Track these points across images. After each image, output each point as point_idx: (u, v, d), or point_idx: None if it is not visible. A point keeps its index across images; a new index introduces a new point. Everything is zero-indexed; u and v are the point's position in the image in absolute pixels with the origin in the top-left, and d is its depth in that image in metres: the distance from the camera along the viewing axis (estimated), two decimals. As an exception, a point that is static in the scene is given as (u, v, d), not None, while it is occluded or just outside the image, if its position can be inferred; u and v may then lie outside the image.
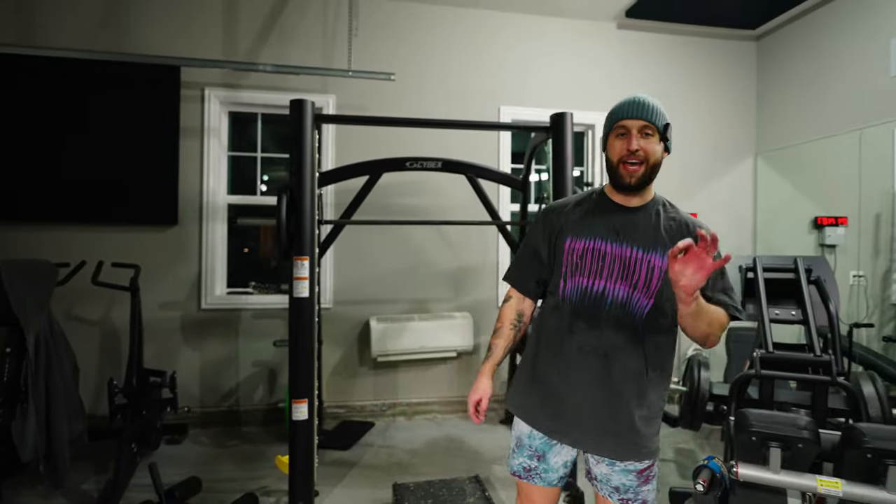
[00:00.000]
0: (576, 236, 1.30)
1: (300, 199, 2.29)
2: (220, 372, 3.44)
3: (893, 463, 1.29)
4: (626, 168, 1.24)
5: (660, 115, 1.25)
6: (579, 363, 1.27)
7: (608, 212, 1.31)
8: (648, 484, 1.31)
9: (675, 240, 1.20)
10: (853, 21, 3.47)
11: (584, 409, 1.27)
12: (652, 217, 1.29)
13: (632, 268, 1.24)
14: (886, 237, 3.53)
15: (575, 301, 1.28)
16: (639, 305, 1.24)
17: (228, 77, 3.41)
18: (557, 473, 1.36)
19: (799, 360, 2.26)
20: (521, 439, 1.39)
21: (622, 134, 1.25)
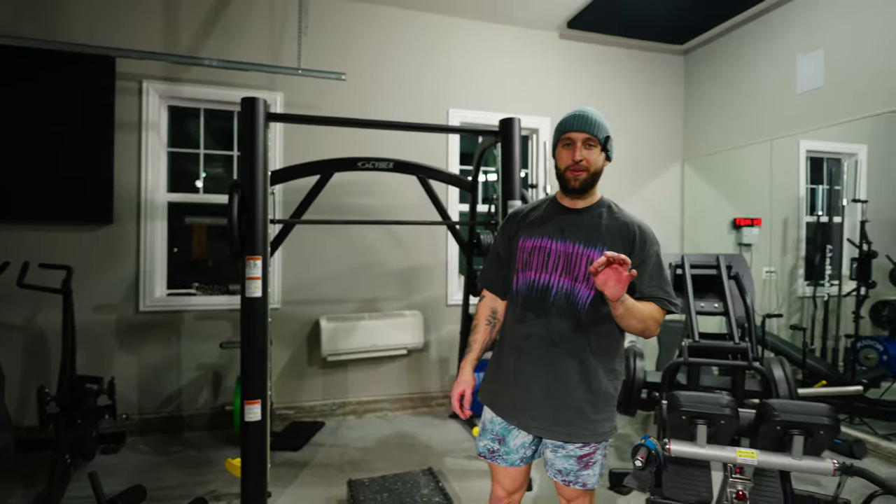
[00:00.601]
0: (527, 237, 1.46)
1: (252, 198, 2.27)
2: (161, 376, 3.30)
3: (797, 433, 1.48)
4: (571, 173, 1.39)
5: (601, 129, 1.42)
6: (530, 351, 1.41)
7: (556, 214, 1.47)
8: (589, 469, 1.43)
9: (616, 238, 1.38)
10: (766, 40, 3.85)
11: (535, 395, 1.40)
12: (594, 217, 1.43)
13: (573, 262, 1.38)
14: (793, 237, 3.94)
15: (525, 293, 1.43)
16: (580, 296, 1.37)
17: (168, 70, 3.28)
18: (517, 455, 1.49)
19: (721, 347, 2.50)
20: (485, 423, 1.53)
21: (568, 144, 1.40)
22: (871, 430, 3.06)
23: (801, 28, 3.57)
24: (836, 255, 3.73)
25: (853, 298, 3.55)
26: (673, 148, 4.61)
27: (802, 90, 3.54)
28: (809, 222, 3.88)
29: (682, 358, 2.48)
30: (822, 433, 1.46)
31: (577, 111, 1.43)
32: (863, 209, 3.58)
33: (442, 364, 3.86)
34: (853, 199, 3.64)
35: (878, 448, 2.94)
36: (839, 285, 3.70)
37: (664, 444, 1.60)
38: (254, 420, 2.27)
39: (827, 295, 3.71)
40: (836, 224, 3.75)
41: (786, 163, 3.82)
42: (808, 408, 1.48)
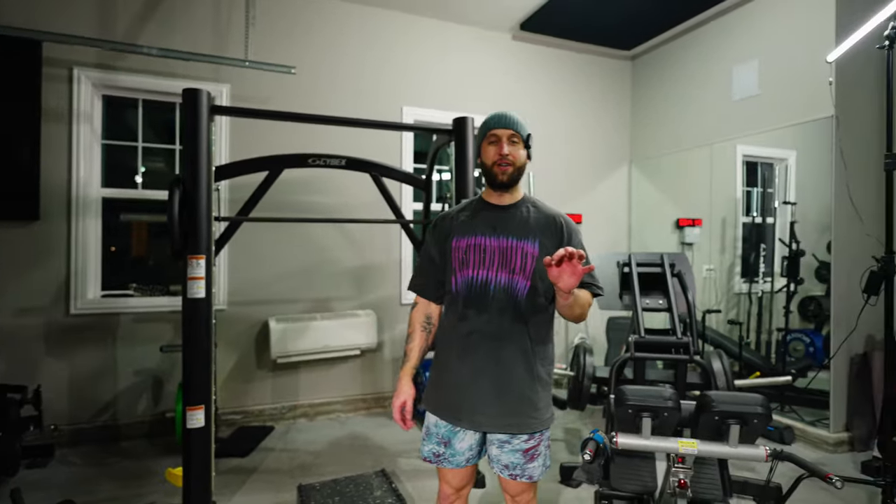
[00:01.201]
0: (460, 236, 1.48)
1: (195, 195, 2.16)
2: (94, 383, 3.10)
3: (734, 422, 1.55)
4: (498, 168, 1.44)
5: (523, 127, 1.47)
6: (473, 348, 1.43)
7: (485, 211, 1.51)
8: (534, 461, 1.47)
9: (545, 230, 1.45)
10: (707, 49, 4.04)
11: (483, 391, 1.42)
12: (523, 213, 1.49)
13: (509, 256, 1.43)
14: (731, 237, 4.16)
15: (464, 291, 1.45)
16: (519, 287, 1.42)
17: (103, 57, 3.08)
18: (464, 456, 1.49)
19: (664, 342, 2.60)
20: (429, 428, 1.52)
21: (493, 141, 1.45)
22: (799, 416, 3.28)
23: (738, 38, 3.77)
24: (768, 253, 3.96)
25: (784, 294, 3.78)
26: (621, 150, 4.77)
27: (739, 98, 3.74)
28: (745, 223, 4.10)
29: (628, 353, 2.56)
30: (756, 422, 1.53)
31: (501, 112, 1.49)
32: (792, 211, 3.82)
33: (396, 363, 3.83)
34: (784, 201, 3.88)
35: (805, 434, 3.15)
36: (772, 282, 3.94)
37: (612, 438, 1.65)
38: (197, 427, 2.17)
39: (761, 291, 3.94)
40: (769, 224, 3.98)
41: (724, 166, 4.02)
42: (743, 398, 1.56)
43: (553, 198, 4.39)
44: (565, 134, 4.51)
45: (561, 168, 4.46)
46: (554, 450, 3.07)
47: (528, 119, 1.55)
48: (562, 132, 4.49)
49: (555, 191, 4.41)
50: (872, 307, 2.42)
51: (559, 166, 4.45)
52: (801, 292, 3.80)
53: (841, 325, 3.01)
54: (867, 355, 3.10)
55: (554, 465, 2.81)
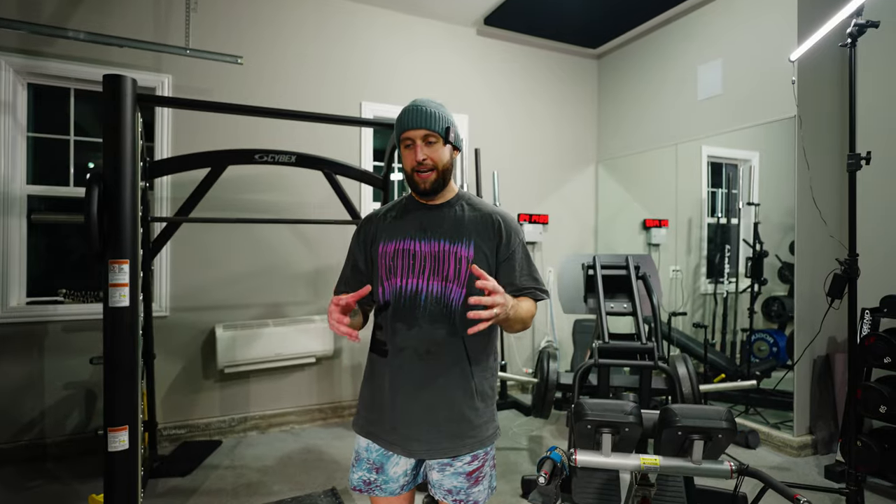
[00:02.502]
0: (386, 240, 1.32)
1: (117, 193, 1.95)
2: (17, 399, 2.83)
3: (697, 437, 1.45)
4: (418, 175, 1.28)
5: (439, 120, 1.27)
6: (405, 366, 1.27)
7: (414, 211, 1.35)
8: (479, 485, 1.33)
9: (481, 230, 1.30)
10: (670, 51, 3.99)
11: (415, 414, 1.27)
12: (456, 212, 1.33)
13: (441, 261, 1.27)
14: (697, 237, 4.13)
15: (393, 303, 1.29)
16: (453, 297, 1.26)
17: (26, 42, 2.81)
18: (398, 483, 1.33)
19: (629, 348, 2.51)
20: (359, 453, 1.36)
21: (408, 145, 1.28)
22: (764, 419, 3.24)
23: (702, 37, 3.73)
24: (733, 254, 3.95)
25: (748, 294, 3.77)
26: (588, 149, 4.70)
27: (703, 97, 3.70)
28: (711, 223, 4.08)
29: (592, 360, 2.46)
30: (721, 437, 1.44)
31: (412, 105, 1.29)
32: (756, 212, 3.81)
33: (354, 371, 3.65)
34: (748, 202, 3.87)
35: (770, 437, 3.12)
36: (736, 282, 3.92)
37: (570, 455, 1.53)
38: (120, 449, 1.95)
39: (726, 292, 3.92)
40: (734, 225, 3.97)
41: (690, 167, 3.99)
42: (707, 412, 1.46)
43: (518, 198, 4.30)
44: (531, 132, 4.41)
45: (526, 167, 4.36)
46: (517, 460, 2.95)
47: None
48: (528, 130, 4.39)
49: (520, 190, 4.31)
50: (835, 310, 2.37)
51: (525, 165, 4.35)
52: (764, 293, 3.79)
53: (804, 328, 2.98)
54: (829, 357, 3.09)
55: (516, 478, 2.68)
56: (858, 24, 2.09)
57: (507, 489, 2.58)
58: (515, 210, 4.28)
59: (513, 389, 4.20)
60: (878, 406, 2.50)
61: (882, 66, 2.94)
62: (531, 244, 4.37)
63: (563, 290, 3.01)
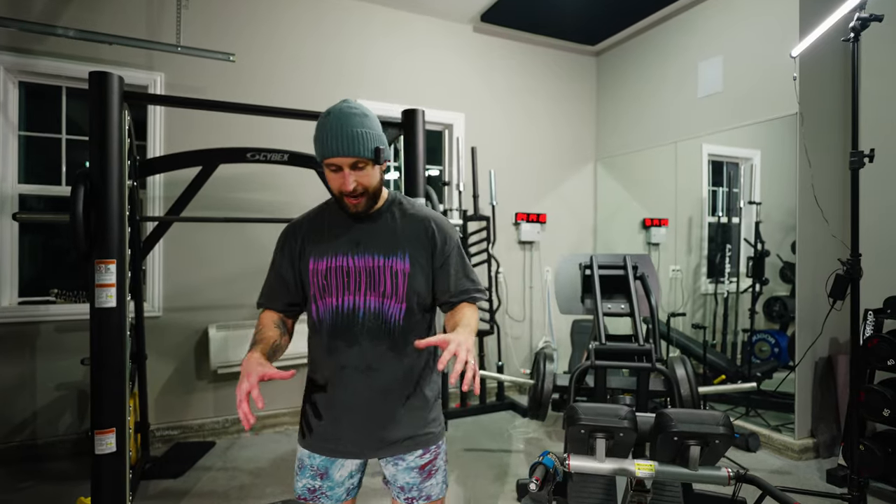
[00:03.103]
0: (317, 257, 1.25)
1: (104, 192, 1.92)
2: (9, 400, 2.80)
3: (694, 443, 1.41)
4: (348, 200, 1.20)
5: (368, 142, 1.15)
6: (347, 384, 1.23)
7: (344, 224, 1.27)
8: (432, 478, 1.31)
9: (414, 240, 1.25)
10: (670, 47, 3.94)
11: (360, 428, 1.24)
12: (388, 221, 1.28)
13: (377, 277, 1.22)
14: (697, 237, 4.08)
15: (329, 321, 1.23)
16: (392, 312, 1.22)
17: (17, 39, 2.78)
18: (343, 487, 1.30)
19: (626, 350, 2.46)
20: (302, 460, 1.31)
21: (334, 170, 1.18)
22: (765, 421, 3.20)
23: (702, 34, 3.68)
24: (734, 254, 3.90)
25: (749, 295, 3.72)
26: (586, 147, 4.65)
27: (703, 94, 3.65)
28: (711, 223, 4.04)
29: (588, 362, 2.41)
30: (718, 442, 1.40)
31: (336, 122, 1.14)
32: (757, 211, 3.76)
33: (351, 372, 3.61)
34: (749, 201, 3.82)
35: (770, 440, 3.07)
36: (737, 282, 3.88)
37: (563, 461, 1.49)
38: (107, 452, 1.92)
39: (727, 292, 3.87)
40: (735, 224, 3.92)
41: (690, 165, 3.94)
42: (703, 417, 1.42)
43: (516, 196, 4.26)
44: (529, 130, 4.36)
45: (524, 165, 4.32)
46: (513, 463, 2.91)
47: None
48: (525, 129, 4.34)
49: (518, 189, 4.26)
50: (837, 311, 2.32)
51: (522, 163, 4.31)
52: (766, 293, 3.75)
53: (806, 329, 2.93)
54: (831, 359, 3.04)
55: (511, 481, 2.65)
56: (861, 17, 2.04)
57: (503, 492, 2.54)
58: (513, 209, 4.24)
59: (510, 391, 4.16)
60: (882, 409, 2.45)
61: (886, 61, 2.88)
62: (528, 244, 4.33)
63: (560, 291, 2.97)
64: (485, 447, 3.14)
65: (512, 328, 4.22)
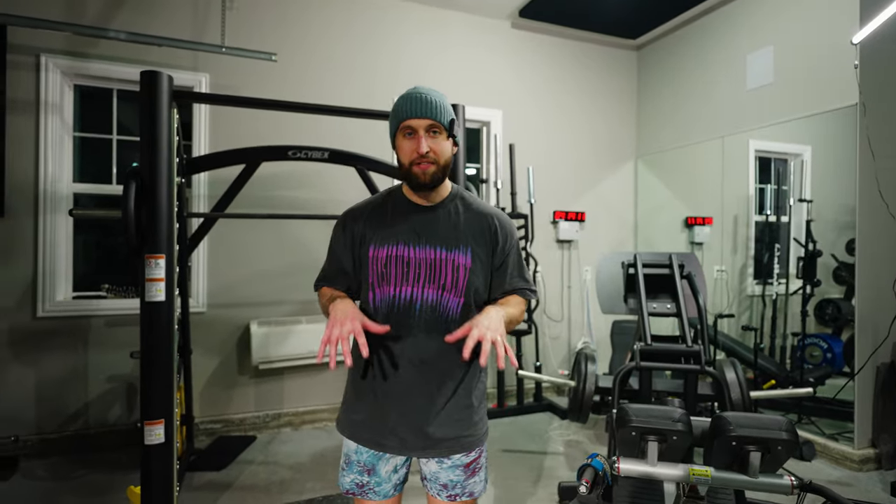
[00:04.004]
0: (378, 244, 1.24)
1: (153, 188, 1.97)
2: (64, 391, 2.92)
3: (754, 449, 1.34)
4: (418, 167, 1.19)
5: (445, 112, 1.19)
6: (399, 374, 1.23)
7: (407, 213, 1.26)
8: (475, 476, 1.31)
9: (476, 234, 1.25)
10: (717, 38, 3.80)
11: (410, 421, 1.23)
12: (451, 214, 1.27)
13: (438, 269, 1.22)
14: (743, 236, 3.92)
15: (385, 311, 1.23)
16: (449, 306, 1.22)
17: (73, 43, 2.90)
18: (391, 483, 1.29)
19: (673, 351, 2.38)
20: (348, 455, 1.30)
21: (409, 134, 1.19)
22: (820, 430, 3.04)
23: (751, 24, 3.53)
24: (783, 254, 3.73)
25: (799, 297, 3.55)
26: (626, 144, 4.54)
27: (752, 87, 3.51)
28: (758, 221, 3.87)
29: (633, 362, 2.34)
30: (780, 449, 1.32)
31: (415, 92, 1.19)
32: (808, 209, 3.58)
33: (387, 370, 3.62)
34: (799, 198, 3.64)
35: (827, 449, 2.91)
36: (786, 284, 3.70)
37: (612, 464, 1.44)
38: (156, 443, 1.97)
39: (775, 293, 3.71)
40: (784, 223, 3.75)
41: (736, 161, 3.79)
42: (764, 421, 1.34)
43: (554, 194, 4.18)
44: (567, 127, 4.28)
45: (562, 163, 4.24)
46: (553, 465, 2.86)
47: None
48: (563, 125, 4.26)
49: (555, 187, 4.19)
50: (905, 313, 2.18)
51: (560, 161, 4.23)
52: (818, 295, 3.57)
53: (866, 333, 2.77)
54: (895, 365, 2.86)
55: (552, 483, 2.59)
56: (934, -1, 1.91)
57: (544, 495, 2.49)
58: (551, 207, 4.17)
59: (548, 391, 4.09)
60: (953, 419, 2.29)
61: (956, 49, 2.70)
62: (567, 243, 4.25)
63: (601, 290, 2.90)
64: (523, 448, 3.09)
65: (550, 328, 4.15)
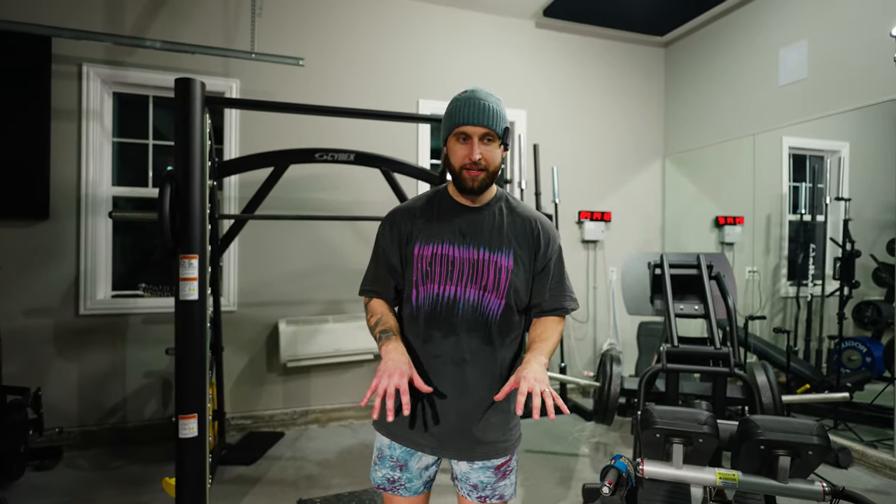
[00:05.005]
0: (424, 242, 1.26)
1: (187, 191, 2.04)
2: (104, 385, 3.05)
3: (783, 453, 1.31)
4: (468, 173, 1.21)
5: (500, 120, 1.20)
6: (439, 373, 1.24)
7: (452, 213, 1.28)
8: (506, 479, 1.31)
9: (520, 238, 1.26)
10: (748, 32, 3.71)
11: (449, 421, 1.24)
12: (496, 216, 1.28)
13: (480, 270, 1.23)
14: (776, 236, 3.81)
15: (428, 309, 1.23)
16: (490, 307, 1.23)
17: (112, 53, 3.03)
18: (421, 479, 1.31)
19: (701, 353, 2.34)
20: (381, 450, 1.32)
21: (463, 139, 1.20)
22: (857, 436, 2.93)
23: (783, 17, 3.43)
24: (818, 254, 3.61)
25: (836, 299, 3.43)
26: (654, 143, 4.46)
27: (785, 83, 3.41)
28: (792, 221, 3.76)
29: (659, 364, 2.31)
30: (811, 454, 1.29)
31: (472, 97, 1.19)
32: (846, 208, 3.46)
33: (412, 369, 3.65)
34: (836, 197, 3.52)
35: (864, 457, 2.81)
36: (822, 285, 3.58)
37: (637, 465, 1.43)
38: (189, 436, 2.05)
39: (810, 295, 3.59)
40: (819, 223, 3.63)
41: (768, 159, 3.69)
42: (795, 425, 1.31)
43: (579, 194, 4.15)
44: (592, 126, 4.24)
45: (587, 163, 4.21)
46: (578, 467, 2.84)
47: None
48: (588, 124, 4.23)
49: (581, 187, 4.16)
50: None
51: (585, 160, 4.20)
52: (856, 297, 3.44)
53: (907, 335, 2.66)
54: (938, 369, 2.74)
55: (576, 485, 2.58)
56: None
57: (568, 496, 2.48)
58: (576, 207, 4.14)
59: (572, 393, 4.06)
60: None
61: None
62: (592, 243, 4.21)
63: (627, 290, 2.86)
64: (548, 450, 3.08)
65: (575, 329, 4.12)
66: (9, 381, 2.65)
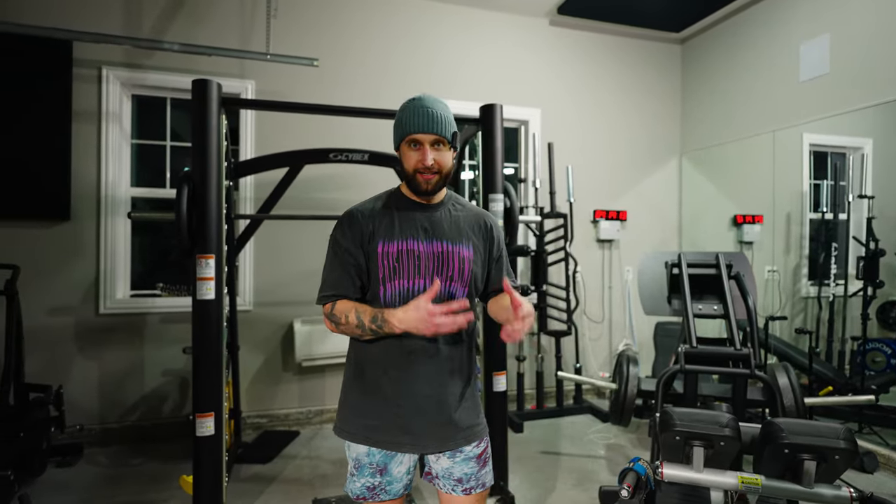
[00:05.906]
0: (388, 240, 1.28)
1: (204, 191, 2.06)
2: (123, 383, 3.09)
3: (808, 457, 1.28)
4: (422, 177, 1.28)
5: (449, 126, 1.27)
6: (414, 368, 1.27)
7: (412, 211, 1.33)
8: (486, 467, 1.37)
9: (476, 231, 1.36)
10: (768, 28, 3.64)
11: (423, 413, 1.27)
12: (451, 213, 1.36)
13: (445, 261, 1.29)
14: (796, 234, 3.73)
15: (398, 305, 1.24)
16: (457, 295, 1.30)
17: (130, 56, 3.07)
18: (402, 483, 1.31)
19: (720, 354, 2.30)
20: (359, 459, 1.28)
21: (414, 145, 1.27)
22: (883, 440, 2.86)
23: (804, 11, 3.36)
24: (841, 253, 3.53)
25: (859, 299, 3.34)
26: (670, 141, 4.40)
27: (806, 78, 3.34)
28: (813, 219, 3.68)
29: (677, 365, 2.27)
30: (838, 458, 1.26)
31: (421, 105, 1.26)
32: (869, 206, 3.38)
33: (426, 369, 3.65)
34: (859, 195, 3.43)
35: (890, 461, 2.74)
36: (845, 285, 3.50)
37: (656, 468, 1.40)
38: (206, 434, 2.06)
39: (832, 295, 3.51)
40: (842, 221, 3.54)
41: (788, 156, 3.61)
42: (820, 429, 1.28)
43: (594, 193, 4.11)
44: (607, 125, 4.20)
45: (602, 162, 4.16)
46: (594, 469, 2.81)
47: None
48: (603, 123, 4.18)
49: (595, 186, 4.12)
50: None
51: (600, 160, 4.15)
52: (880, 297, 3.35)
53: (935, 337, 2.59)
54: (968, 372, 2.66)
55: (593, 487, 2.55)
56: None
57: (584, 499, 2.46)
58: (591, 206, 4.10)
59: (588, 394, 4.02)
60: None
61: None
62: (607, 242, 4.17)
63: (643, 290, 2.82)
64: (562, 451, 3.05)
65: (590, 329, 4.08)
66: (31, 378, 2.70)
